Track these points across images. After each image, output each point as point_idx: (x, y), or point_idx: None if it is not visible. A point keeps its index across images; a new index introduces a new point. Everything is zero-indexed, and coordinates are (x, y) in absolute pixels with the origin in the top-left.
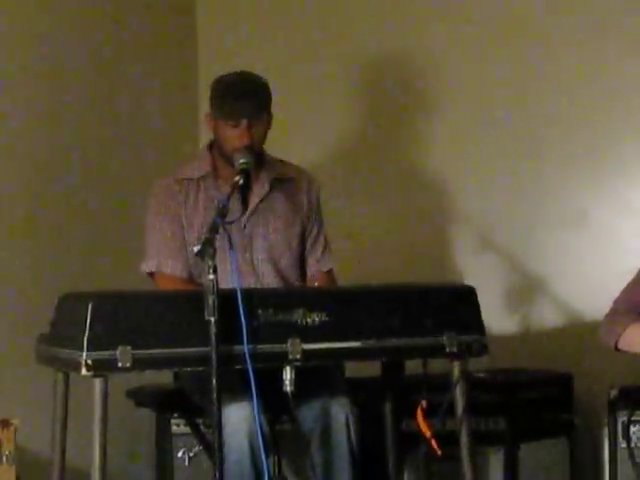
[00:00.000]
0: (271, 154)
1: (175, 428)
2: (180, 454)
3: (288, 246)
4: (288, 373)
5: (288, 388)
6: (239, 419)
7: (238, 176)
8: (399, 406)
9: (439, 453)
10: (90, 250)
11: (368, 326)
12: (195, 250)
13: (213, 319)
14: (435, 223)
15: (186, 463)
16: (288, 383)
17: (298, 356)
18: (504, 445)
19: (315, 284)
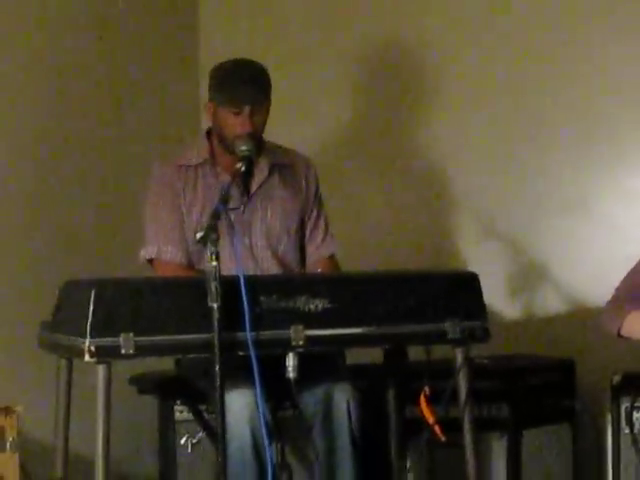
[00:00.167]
0: (270, 140)
1: (178, 415)
2: (183, 440)
3: (287, 231)
4: (291, 360)
5: (291, 375)
6: (241, 406)
7: (240, 163)
8: (402, 393)
9: (443, 439)
10: (93, 237)
11: (371, 312)
12: (197, 237)
13: (216, 305)
14: (437, 209)
15: (189, 449)
16: (291, 370)
17: (301, 342)
18: (507, 431)
19: (318, 270)
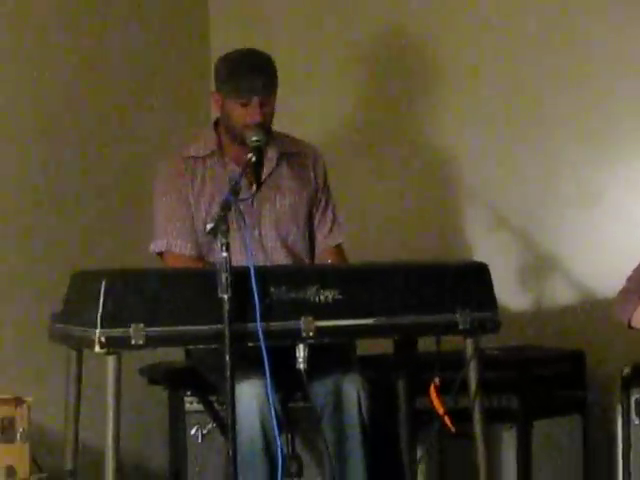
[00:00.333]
0: (276, 129)
1: (188, 405)
2: (193, 431)
3: (296, 221)
4: (301, 351)
5: (301, 366)
6: (251, 397)
7: (250, 153)
8: (412, 383)
9: (453, 430)
10: (104, 229)
11: (381, 303)
12: (208, 228)
13: (226, 296)
14: (447, 201)
15: (199, 440)
16: (301, 360)
17: (311, 334)
18: (517, 422)
19: (329, 261)
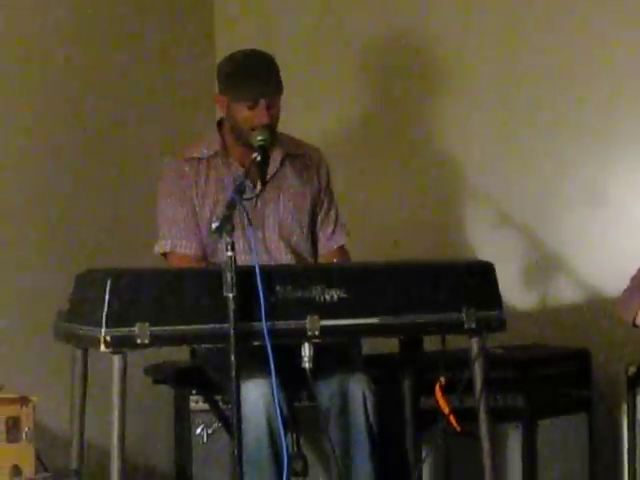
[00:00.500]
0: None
1: (194, 405)
2: (199, 431)
3: (299, 222)
4: (306, 350)
5: (306, 365)
6: (257, 396)
7: (256, 153)
8: (417, 383)
9: (458, 429)
10: (108, 230)
11: (386, 303)
12: (213, 227)
13: (231, 295)
14: (452, 200)
15: (205, 440)
16: (306, 360)
17: (316, 333)
18: (522, 421)
19: (334, 261)
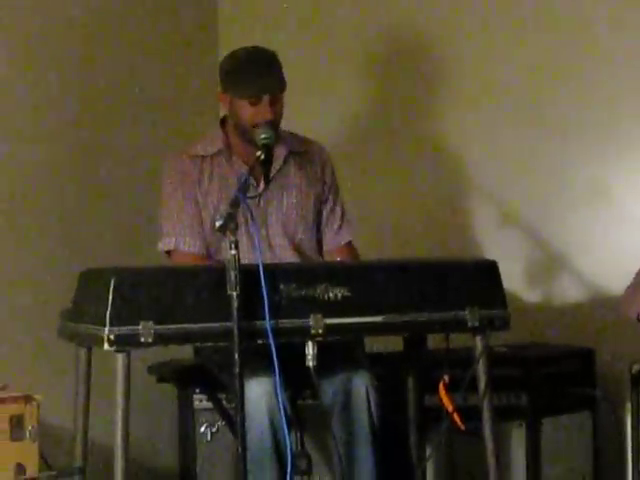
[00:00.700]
0: (285, 128)
1: (197, 403)
2: (202, 429)
3: (303, 220)
4: (310, 348)
5: (310, 363)
6: (260, 394)
7: (260, 151)
8: (421, 381)
9: (462, 427)
10: (112, 228)
11: (390, 301)
12: (217, 225)
13: (235, 294)
14: (456, 198)
15: (208, 438)
16: (310, 358)
17: (320, 331)
18: (526, 420)
19: (337, 259)
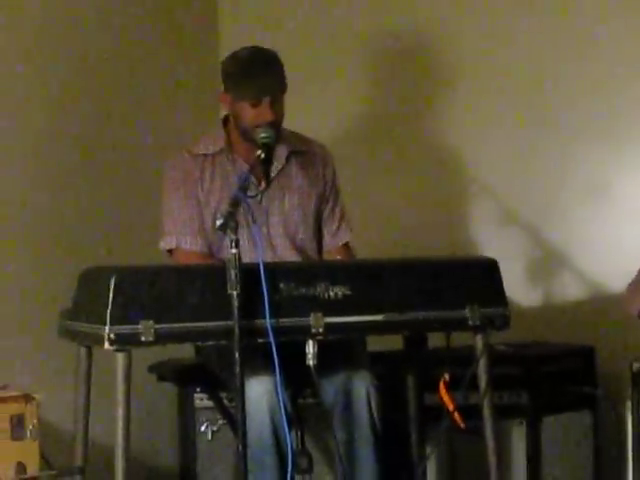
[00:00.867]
0: (285, 127)
1: (198, 402)
2: (203, 428)
3: (304, 220)
4: (311, 347)
5: (311, 362)
6: (261, 393)
7: (260, 150)
8: (421, 380)
9: (462, 426)
10: (113, 227)
11: (390, 299)
12: (218, 224)
13: (235, 293)
14: (455, 196)
15: (209, 437)
16: (311, 357)
17: (321, 330)
18: (527, 418)
19: (337, 257)
